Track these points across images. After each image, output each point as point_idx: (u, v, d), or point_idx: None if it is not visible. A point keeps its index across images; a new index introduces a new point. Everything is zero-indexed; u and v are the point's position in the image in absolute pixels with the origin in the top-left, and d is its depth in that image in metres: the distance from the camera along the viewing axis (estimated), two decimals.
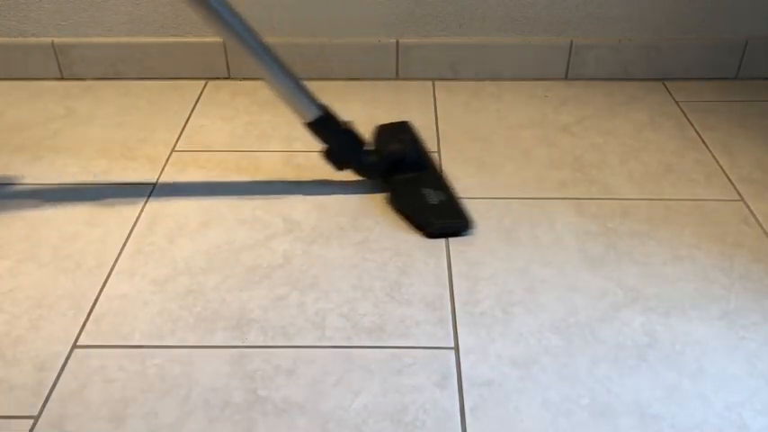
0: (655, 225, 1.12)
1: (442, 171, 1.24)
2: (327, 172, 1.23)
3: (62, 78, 1.55)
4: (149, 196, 1.19)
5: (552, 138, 1.35)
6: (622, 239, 1.09)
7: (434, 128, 1.38)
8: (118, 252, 1.08)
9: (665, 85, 1.53)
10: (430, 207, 1.13)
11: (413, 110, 1.44)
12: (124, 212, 1.16)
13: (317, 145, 1.33)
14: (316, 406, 0.84)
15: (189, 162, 1.28)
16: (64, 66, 1.54)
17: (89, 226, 1.13)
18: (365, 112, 1.43)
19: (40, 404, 0.85)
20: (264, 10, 1.49)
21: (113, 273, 1.04)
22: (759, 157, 1.29)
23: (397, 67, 1.54)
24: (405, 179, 1.18)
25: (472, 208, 1.16)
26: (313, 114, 1.14)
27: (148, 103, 1.47)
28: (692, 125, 1.39)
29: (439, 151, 1.31)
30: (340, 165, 1.19)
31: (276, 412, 0.84)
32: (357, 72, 1.55)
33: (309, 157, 1.29)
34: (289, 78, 1.12)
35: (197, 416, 0.83)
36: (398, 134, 1.30)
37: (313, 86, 1.54)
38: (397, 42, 1.51)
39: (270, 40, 1.51)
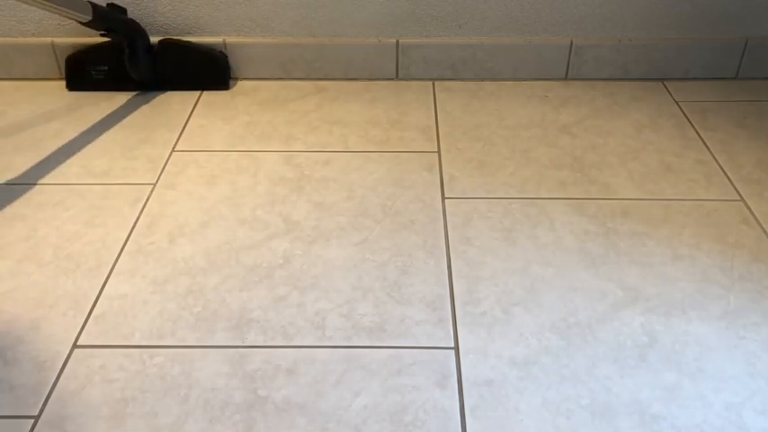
0: (655, 225, 1.12)
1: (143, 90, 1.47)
2: (327, 172, 1.24)
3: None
4: (149, 196, 1.19)
5: (552, 138, 1.35)
6: (622, 239, 1.10)
7: (434, 128, 1.38)
8: (118, 252, 1.08)
9: (664, 85, 1.53)
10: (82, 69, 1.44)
11: (413, 110, 1.44)
12: (124, 212, 1.16)
13: (317, 145, 1.33)
14: (316, 406, 0.84)
15: (189, 162, 1.28)
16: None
17: (89, 226, 1.13)
18: (365, 112, 1.43)
19: (40, 404, 0.85)
20: (264, 10, 1.49)
21: (113, 273, 1.04)
22: (759, 157, 1.29)
23: (397, 67, 1.54)
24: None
25: (472, 208, 1.16)
26: (90, 12, 1.31)
27: (148, 102, 1.47)
28: (692, 125, 1.39)
29: (439, 151, 1.31)
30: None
31: (276, 412, 0.84)
32: (357, 72, 1.55)
33: (309, 157, 1.29)
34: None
35: (197, 416, 0.83)
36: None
37: (313, 86, 1.55)
38: (397, 42, 1.51)
39: (270, 40, 1.52)
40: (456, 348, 0.92)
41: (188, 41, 1.50)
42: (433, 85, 1.53)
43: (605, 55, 1.52)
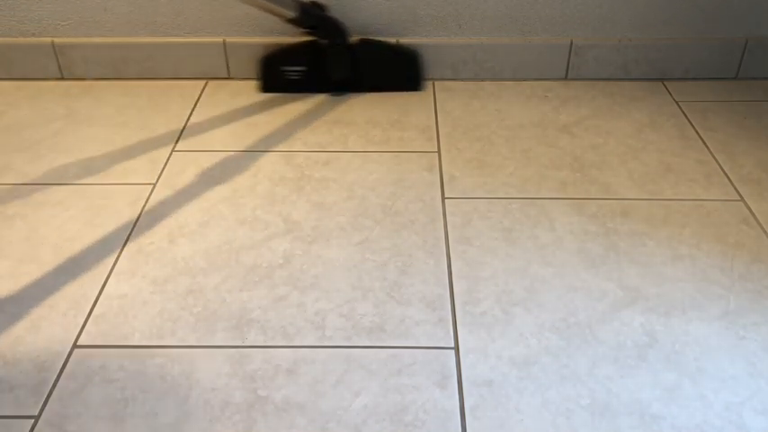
0: (655, 225, 1.12)
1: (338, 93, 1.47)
2: (327, 172, 1.24)
3: (62, 78, 1.55)
4: (149, 196, 1.19)
5: (552, 138, 1.35)
6: (622, 239, 1.10)
7: (434, 128, 1.38)
8: (118, 252, 1.08)
9: (664, 85, 1.53)
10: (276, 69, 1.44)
11: (413, 110, 1.44)
12: (124, 212, 1.16)
13: (317, 145, 1.33)
14: (316, 406, 0.84)
15: (189, 162, 1.28)
16: (64, 66, 1.54)
17: (89, 226, 1.13)
18: (365, 112, 1.43)
19: (40, 404, 0.85)
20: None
21: (113, 273, 1.04)
22: (759, 157, 1.29)
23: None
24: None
25: (472, 208, 1.16)
26: (293, 11, 1.33)
27: (148, 103, 1.47)
28: (692, 125, 1.39)
29: (439, 151, 1.31)
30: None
31: (276, 412, 0.84)
32: None
33: (309, 157, 1.29)
34: None
35: (197, 416, 0.83)
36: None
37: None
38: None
39: (270, 40, 1.52)
40: (456, 348, 0.92)
41: (382, 41, 1.48)
42: (433, 85, 1.53)
43: (605, 55, 1.52)
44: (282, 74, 1.47)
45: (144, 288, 1.01)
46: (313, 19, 1.38)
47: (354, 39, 1.47)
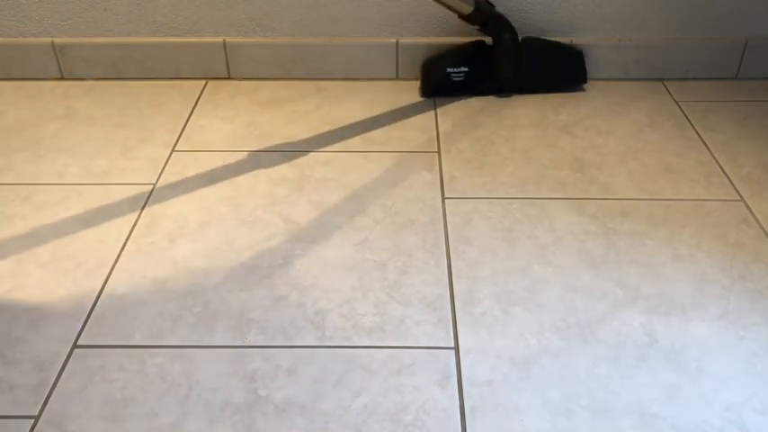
0: (655, 225, 1.12)
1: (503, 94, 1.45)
2: (327, 172, 1.24)
3: (62, 78, 1.55)
4: (149, 196, 1.19)
5: (552, 138, 1.35)
6: (622, 239, 1.09)
7: (434, 128, 1.38)
8: (118, 252, 1.08)
9: (664, 85, 1.53)
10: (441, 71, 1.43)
11: (413, 110, 1.44)
12: (124, 212, 1.16)
13: (317, 145, 1.33)
14: (316, 406, 0.84)
15: (189, 162, 1.28)
16: (64, 66, 1.54)
17: (89, 226, 1.13)
18: (365, 112, 1.43)
19: (40, 404, 0.85)
20: (264, 10, 1.49)
21: (113, 273, 1.04)
22: (759, 157, 1.29)
23: (397, 67, 1.54)
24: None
25: (472, 208, 1.16)
26: (470, 6, 1.34)
27: (148, 103, 1.47)
28: (692, 125, 1.39)
29: (439, 151, 1.31)
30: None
31: (276, 412, 0.84)
32: (357, 72, 1.55)
33: (310, 157, 1.29)
34: None
35: (197, 416, 0.83)
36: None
37: (313, 86, 1.55)
38: (397, 42, 1.51)
39: (271, 40, 1.52)
40: (456, 348, 0.92)
41: (551, 40, 1.48)
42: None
43: (605, 55, 1.52)
44: (448, 76, 1.44)
45: (144, 288, 1.01)
46: (485, 15, 1.36)
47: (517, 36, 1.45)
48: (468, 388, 0.86)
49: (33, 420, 0.83)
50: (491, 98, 1.47)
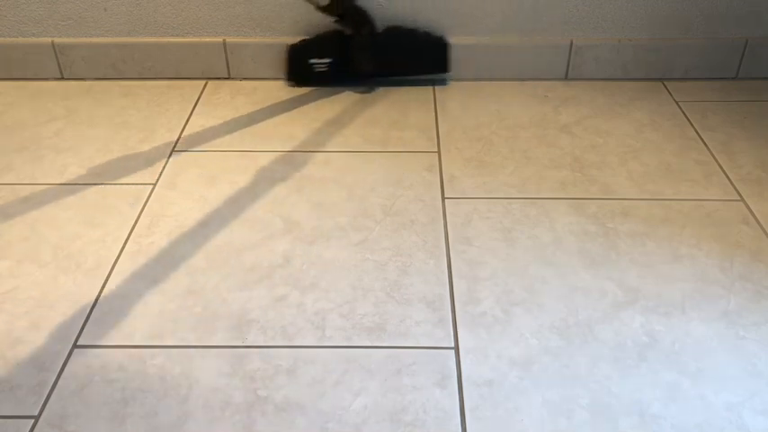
0: (655, 225, 1.12)
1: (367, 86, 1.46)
2: (328, 172, 1.24)
3: (62, 78, 1.55)
4: (149, 196, 1.19)
5: (552, 138, 1.35)
6: (622, 239, 1.09)
7: (434, 128, 1.38)
8: (118, 252, 1.08)
9: (664, 85, 1.53)
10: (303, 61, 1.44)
11: (413, 110, 1.44)
12: (124, 212, 1.16)
13: (317, 145, 1.33)
14: (316, 406, 0.84)
15: (189, 162, 1.28)
16: (64, 66, 1.54)
17: (89, 226, 1.13)
18: (365, 112, 1.43)
19: (40, 404, 0.85)
20: (264, 10, 1.49)
21: (113, 273, 1.04)
22: (759, 157, 1.29)
23: None
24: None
25: (472, 208, 1.16)
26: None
27: (148, 103, 1.47)
28: (692, 125, 1.39)
29: (439, 151, 1.31)
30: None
31: (276, 412, 0.84)
32: None
33: (309, 157, 1.29)
34: None
35: (197, 416, 0.83)
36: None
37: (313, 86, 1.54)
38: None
39: (271, 40, 1.52)
40: (456, 348, 0.92)
41: (412, 28, 1.48)
42: (433, 84, 1.53)
43: (605, 55, 1.52)
44: (311, 66, 1.46)
45: (144, 288, 1.01)
46: (342, 7, 1.37)
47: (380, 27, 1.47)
48: (468, 388, 0.86)
49: (33, 420, 0.83)
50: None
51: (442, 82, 1.51)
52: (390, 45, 1.46)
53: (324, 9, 1.36)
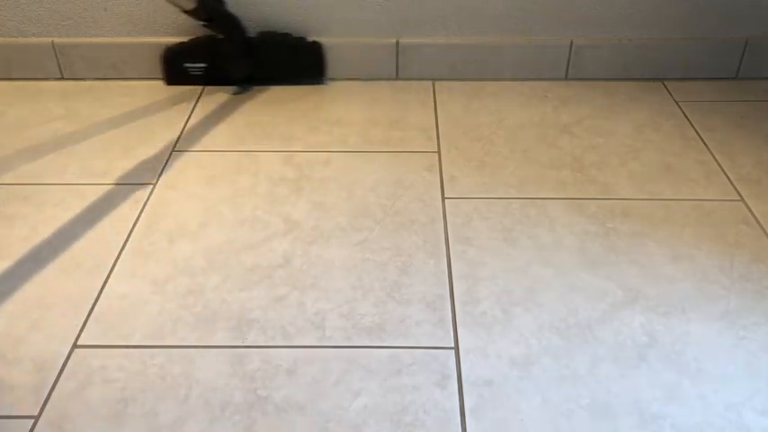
0: (655, 225, 1.12)
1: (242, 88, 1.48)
2: (328, 172, 1.24)
3: (62, 78, 1.55)
4: (149, 196, 1.19)
5: (552, 138, 1.35)
6: (622, 239, 1.10)
7: (434, 128, 1.38)
8: (118, 252, 1.08)
9: (664, 85, 1.53)
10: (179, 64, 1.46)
11: (413, 110, 1.44)
12: (124, 212, 1.16)
13: (317, 145, 1.33)
14: (316, 406, 0.84)
15: (189, 162, 1.28)
16: (64, 66, 1.54)
17: (89, 226, 1.13)
18: (365, 112, 1.43)
19: (40, 404, 0.85)
20: (264, 10, 1.49)
21: (113, 273, 1.04)
22: (759, 157, 1.29)
23: (397, 67, 1.54)
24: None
25: (472, 208, 1.16)
26: (192, 2, 1.32)
27: (148, 103, 1.47)
28: (692, 125, 1.39)
29: (439, 151, 1.31)
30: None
31: (276, 412, 0.84)
32: (357, 72, 1.55)
33: (309, 157, 1.29)
34: None
35: (197, 416, 0.83)
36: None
37: (313, 86, 1.55)
38: (397, 42, 1.51)
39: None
40: (456, 348, 0.92)
41: (285, 33, 1.50)
42: (433, 85, 1.53)
43: (605, 55, 1.52)
44: (185, 70, 1.49)
45: (144, 288, 1.01)
46: (211, 11, 1.37)
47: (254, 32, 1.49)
48: (468, 388, 0.86)
49: (33, 420, 0.83)
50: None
51: (320, 82, 1.53)
52: (263, 50, 1.48)
53: (190, 13, 1.35)
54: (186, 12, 1.35)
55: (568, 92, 1.50)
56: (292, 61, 1.50)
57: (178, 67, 1.49)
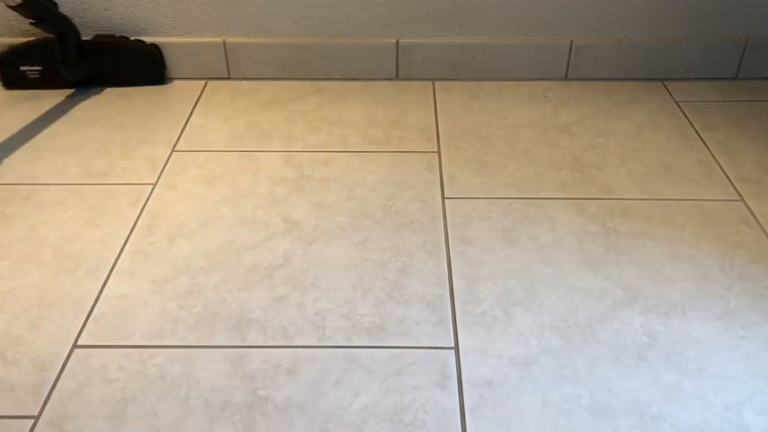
0: (655, 225, 1.12)
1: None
2: (327, 172, 1.24)
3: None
4: (149, 196, 1.19)
5: (552, 138, 1.35)
6: (622, 239, 1.10)
7: (434, 128, 1.38)
8: (118, 252, 1.08)
9: (664, 85, 1.53)
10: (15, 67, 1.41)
11: (413, 110, 1.44)
12: (124, 212, 1.16)
13: (317, 145, 1.33)
14: (316, 406, 0.84)
15: (189, 162, 1.28)
16: None
17: (89, 226, 1.13)
18: (365, 112, 1.43)
19: (40, 404, 0.85)
20: (264, 10, 1.49)
21: (113, 273, 1.04)
22: (759, 157, 1.29)
23: (397, 67, 1.54)
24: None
25: (472, 208, 1.16)
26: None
27: (148, 103, 1.47)
28: (692, 125, 1.39)
29: (439, 151, 1.31)
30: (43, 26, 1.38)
31: (276, 412, 0.84)
32: (357, 72, 1.55)
33: (309, 157, 1.29)
34: None
35: (197, 416, 0.83)
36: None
37: (313, 86, 1.55)
38: (397, 42, 1.51)
39: (270, 40, 1.52)
40: (456, 348, 0.92)
41: (122, 36, 1.50)
42: (433, 85, 1.53)
43: (605, 55, 1.52)
44: (23, 74, 1.47)
45: (144, 288, 1.01)
46: (38, 10, 1.32)
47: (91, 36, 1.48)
48: (468, 388, 0.86)
49: (33, 420, 0.83)
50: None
51: (161, 82, 1.53)
52: (98, 54, 1.47)
53: (15, 9, 1.31)
54: (12, 8, 1.30)
55: (568, 92, 1.50)
56: (128, 66, 1.49)
57: (15, 70, 1.47)
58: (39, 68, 1.46)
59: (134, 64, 1.50)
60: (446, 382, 0.87)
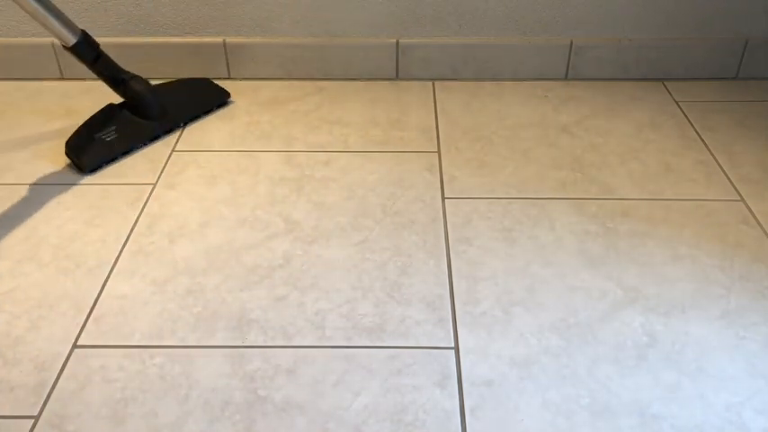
0: (655, 225, 1.13)
1: (163, 134, 1.37)
2: (328, 172, 1.24)
3: (62, 78, 1.55)
4: (149, 196, 1.19)
5: (552, 138, 1.35)
6: (622, 239, 1.10)
7: (434, 128, 1.38)
8: (118, 252, 1.08)
9: (664, 85, 1.53)
10: (90, 139, 1.28)
11: (413, 110, 1.44)
12: (124, 212, 1.16)
13: (317, 145, 1.33)
14: (316, 406, 0.84)
15: (189, 162, 1.28)
16: (64, 66, 1.54)
17: (89, 226, 1.13)
18: (365, 112, 1.43)
19: (40, 404, 0.85)
20: (264, 10, 1.49)
21: (113, 273, 1.04)
22: (759, 157, 1.29)
23: (397, 67, 1.54)
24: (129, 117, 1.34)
25: (472, 208, 1.16)
26: (75, 38, 1.24)
27: None
28: (692, 125, 1.39)
29: (439, 151, 1.31)
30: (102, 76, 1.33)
31: (276, 412, 0.84)
32: (357, 72, 1.55)
33: (309, 157, 1.29)
34: (49, 7, 1.20)
35: (197, 416, 0.83)
36: (176, 86, 1.45)
37: (313, 86, 1.55)
38: (397, 42, 1.51)
39: (270, 40, 1.52)
40: (456, 348, 0.92)
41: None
42: (433, 85, 1.53)
43: (605, 55, 1.52)
44: (101, 140, 1.29)
45: (144, 288, 1.01)
46: (95, 51, 1.27)
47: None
48: (468, 388, 0.86)
49: (33, 420, 0.83)
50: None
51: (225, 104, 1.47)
52: (164, 93, 1.39)
53: (72, 49, 1.24)
54: (68, 49, 1.24)
55: (568, 92, 1.50)
56: (195, 96, 1.43)
57: (90, 141, 1.28)
58: (113, 128, 1.31)
59: (199, 92, 1.44)
60: (446, 382, 0.87)
